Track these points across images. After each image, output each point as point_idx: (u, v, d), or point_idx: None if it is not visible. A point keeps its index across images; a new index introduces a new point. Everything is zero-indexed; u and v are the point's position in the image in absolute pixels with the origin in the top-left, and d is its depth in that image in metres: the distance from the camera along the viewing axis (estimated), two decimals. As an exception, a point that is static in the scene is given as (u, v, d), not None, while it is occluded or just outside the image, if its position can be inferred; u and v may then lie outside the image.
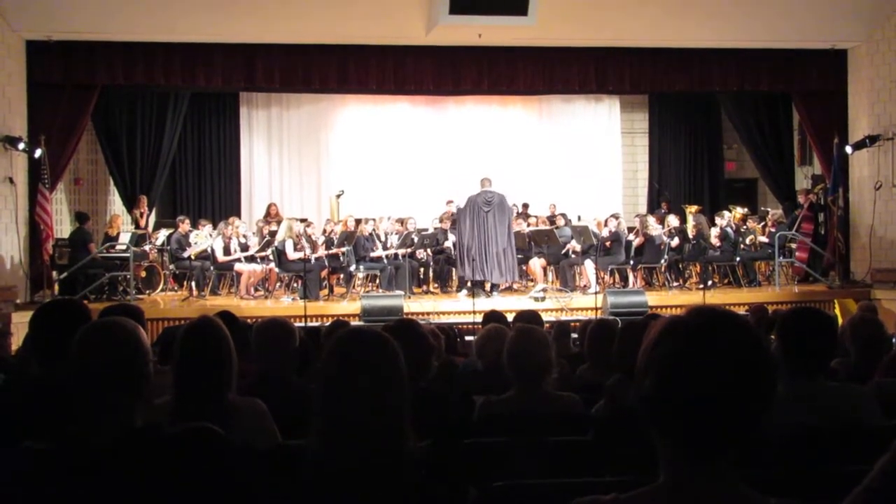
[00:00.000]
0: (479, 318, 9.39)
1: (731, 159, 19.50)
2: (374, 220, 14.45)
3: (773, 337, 3.86)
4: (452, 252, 13.61)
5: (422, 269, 14.15)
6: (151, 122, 15.69)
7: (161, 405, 3.05)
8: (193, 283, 13.48)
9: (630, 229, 14.55)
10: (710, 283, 13.80)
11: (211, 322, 3.23)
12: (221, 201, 17.94)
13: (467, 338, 8.54)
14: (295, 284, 13.53)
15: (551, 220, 15.46)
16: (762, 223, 14.73)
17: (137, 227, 14.68)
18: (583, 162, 18.72)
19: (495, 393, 4.09)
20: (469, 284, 12.73)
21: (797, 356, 3.38)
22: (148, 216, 15.32)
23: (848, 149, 13.84)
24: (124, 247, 13.26)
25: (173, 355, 3.19)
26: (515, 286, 13.89)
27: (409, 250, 13.57)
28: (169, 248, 14.08)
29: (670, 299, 12.87)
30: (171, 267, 14.15)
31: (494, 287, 12.93)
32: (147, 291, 13.71)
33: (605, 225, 14.13)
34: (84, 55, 13.04)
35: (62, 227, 14.51)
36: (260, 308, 12.44)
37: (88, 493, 2.12)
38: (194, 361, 3.11)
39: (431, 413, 3.49)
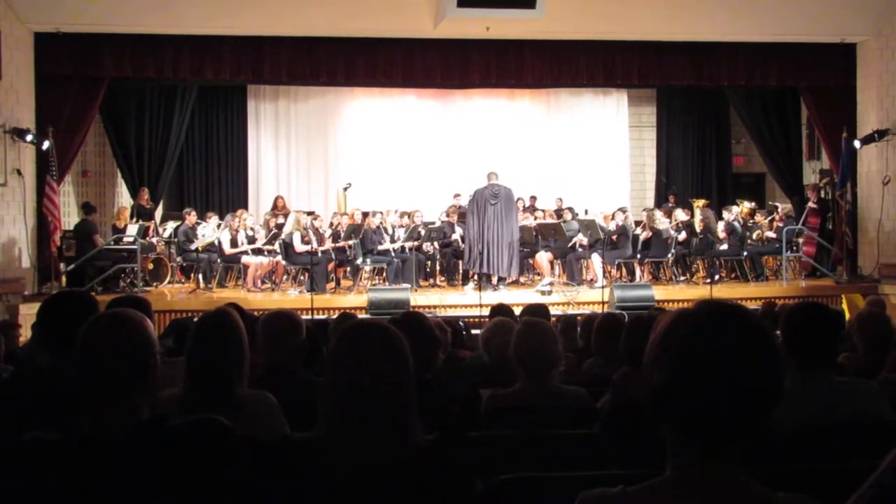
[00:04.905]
0: (485, 312, 9.40)
1: (739, 154, 19.47)
2: (381, 213, 14.48)
3: (778, 332, 3.85)
4: (459, 245, 13.62)
5: (428, 263, 14.16)
6: (159, 114, 15.69)
7: (169, 397, 3.05)
8: (200, 276, 13.51)
9: (637, 223, 14.54)
10: (717, 277, 13.77)
11: (226, 314, 3.22)
12: (229, 194, 17.99)
13: (474, 331, 8.53)
14: (302, 277, 13.54)
15: (558, 213, 15.46)
16: (770, 218, 14.69)
17: (141, 216, 14.61)
18: (590, 155, 18.71)
19: (502, 386, 4.09)
20: (475, 277, 12.72)
21: (801, 351, 3.37)
22: (154, 209, 15.30)
23: (856, 143, 13.77)
24: (132, 239, 13.28)
25: (186, 346, 3.18)
26: (522, 280, 13.89)
27: (415, 243, 13.57)
28: (176, 240, 14.12)
29: (677, 293, 12.86)
30: (179, 259, 14.18)
31: (501, 280, 12.93)
32: (154, 283, 13.73)
33: (612, 219, 14.13)
34: (92, 47, 13.04)
35: (70, 218, 14.53)
36: (267, 300, 12.46)
37: (95, 484, 2.13)
38: (207, 353, 3.10)
39: (437, 406, 3.49)
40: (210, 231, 13.97)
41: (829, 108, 14.38)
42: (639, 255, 13.89)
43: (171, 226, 14.77)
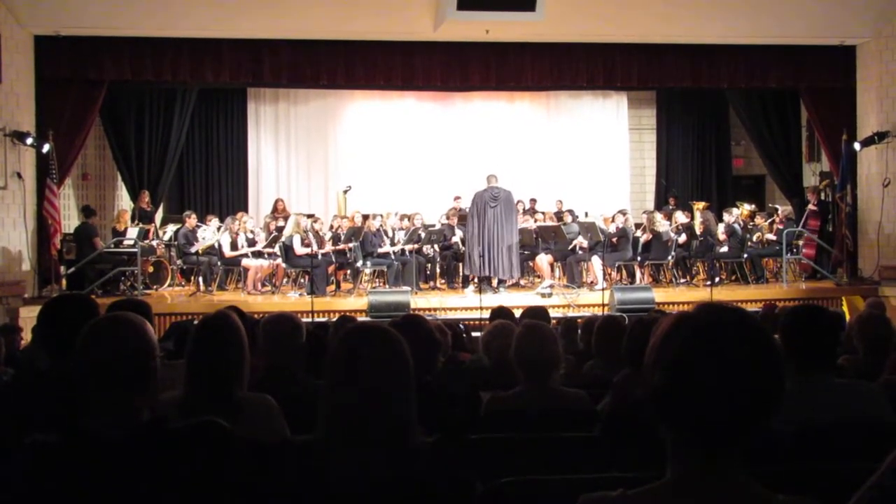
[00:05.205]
0: (486, 315, 9.40)
1: (739, 156, 19.47)
2: (381, 215, 14.46)
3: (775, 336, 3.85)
4: (460, 248, 13.62)
5: (428, 265, 14.14)
6: (159, 117, 15.69)
7: (169, 400, 3.05)
8: (201, 279, 13.49)
9: (637, 225, 14.54)
10: (717, 279, 13.76)
11: (226, 317, 3.22)
12: (229, 196, 17.98)
13: (474, 334, 8.53)
14: (302, 280, 13.54)
15: (558, 216, 15.45)
16: (770, 220, 14.68)
17: (142, 218, 14.60)
18: (590, 158, 18.70)
19: (502, 389, 4.09)
20: (475, 280, 12.71)
21: (799, 354, 3.37)
22: (154, 212, 15.29)
23: (856, 145, 13.78)
24: (132, 242, 13.26)
25: (186, 349, 3.18)
26: (522, 282, 13.89)
27: (415, 246, 13.57)
28: (176, 243, 14.12)
29: (677, 296, 12.85)
30: (179, 262, 14.18)
31: (501, 283, 12.92)
32: (154, 286, 13.72)
33: (613, 221, 14.11)
34: (92, 50, 13.05)
35: (70, 221, 14.53)
36: (267, 303, 12.46)
37: (95, 486, 2.13)
38: (207, 356, 3.10)
39: (438, 409, 3.49)
40: (210, 234, 13.96)
41: (828, 110, 14.39)
42: (639, 258, 13.89)
43: (171, 229, 14.76)
